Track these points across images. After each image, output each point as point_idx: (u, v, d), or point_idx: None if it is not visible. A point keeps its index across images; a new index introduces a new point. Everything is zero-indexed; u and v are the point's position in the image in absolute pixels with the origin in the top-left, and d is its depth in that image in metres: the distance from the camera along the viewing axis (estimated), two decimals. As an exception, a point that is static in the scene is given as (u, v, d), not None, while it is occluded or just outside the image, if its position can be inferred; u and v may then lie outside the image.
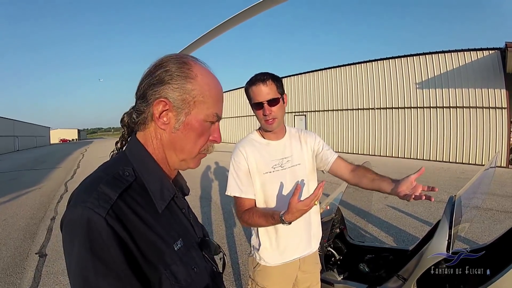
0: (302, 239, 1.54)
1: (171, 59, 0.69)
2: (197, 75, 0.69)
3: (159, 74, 0.67)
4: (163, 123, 0.68)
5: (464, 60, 11.61)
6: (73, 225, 0.56)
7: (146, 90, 0.68)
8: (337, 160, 1.60)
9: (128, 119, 0.74)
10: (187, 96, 0.68)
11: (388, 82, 14.00)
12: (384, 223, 4.74)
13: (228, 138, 25.49)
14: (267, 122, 1.45)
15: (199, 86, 0.68)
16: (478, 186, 1.87)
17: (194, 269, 0.68)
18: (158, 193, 0.67)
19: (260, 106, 1.43)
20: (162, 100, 0.67)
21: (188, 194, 0.85)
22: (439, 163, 11.83)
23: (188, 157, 0.73)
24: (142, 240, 0.60)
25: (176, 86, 0.67)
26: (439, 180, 8.05)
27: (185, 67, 0.68)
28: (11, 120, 42.09)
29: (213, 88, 0.72)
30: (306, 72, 17.88)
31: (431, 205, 5.60)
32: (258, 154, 1.49)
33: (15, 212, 6.27)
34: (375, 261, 2.15)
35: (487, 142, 11.20)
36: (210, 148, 0.76)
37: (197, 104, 0.69)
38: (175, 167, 0.76)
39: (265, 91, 1.42)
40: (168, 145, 0.71)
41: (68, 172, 12.38)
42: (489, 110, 11.12)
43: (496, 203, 5.69)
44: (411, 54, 13.23)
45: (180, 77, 0.67)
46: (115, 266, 0.55)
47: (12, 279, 3.41)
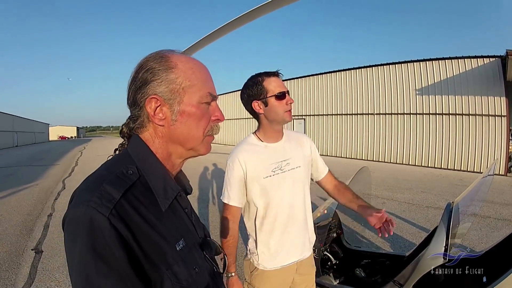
0: (299, 243, 1.54)
1: (148, 58, 0.70)
2: (177, 63, 0.69)
3: (141, 76, 0.68)
4: (160, 119, 0.69)
5: (465, 67, 11.66)
6: (75, 224, 0.56)
7: (135, 95, 0.69)
8: (328, 174, 1.71)
9: (127, 129, 0.74)
10: (174, 85, 0.68)
11: (388, 88, 14.03)
12: (381, 228, 4.73)
13: (229, 140, 25.50)
14: (288, 113, 1.45)
15: (182, 73, 0.69)
16: (476, 193, 1.87)
17: (195, 269, 0.68)
18: (161, 191, 0.67)
19: (283, 96, 1.43)
20: (152, 98, 0.67)
21: (191, 193, 0.84)
22: (437, 170, 11.84)
23: (195, 144, 0.73)
24: (145, 240, 0.60)
25: (160, 80, 0.67)
26: (437, 187, 8.07)
27: (163, 60, 0.69)
28: (11, 116, 42.05)
29: (198, 71, 0.72)
30: (306, 76, 17.90)
31: (429, 212, 5.61)
32: (257, 158, 1.47)
33: (11, 208, 6.25)
34: (372, 266, 2.15)
35: (485, 149, 11.23)
36: (215, 128, 0.76)
37: (186, 89, 0.69)
38: (184, 159, 0.76)
39: (282, 82, 1.46)
40: (172, 139, 0.71)
41: (66, 170, 12.34)
42: (488, 117, 11.16)
43: (494, 211, 5.70)
44: (411, 60, 13.28)
45: (161, 71, 0.68)
46: (117, 265, 0.54)
47: (7, 274, 3.40)
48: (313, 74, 17.57)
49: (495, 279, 1.39)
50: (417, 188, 7.82)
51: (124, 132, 0.74)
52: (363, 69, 14.94)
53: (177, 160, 0.75)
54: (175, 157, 0.74)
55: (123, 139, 0.76)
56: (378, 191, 7.29)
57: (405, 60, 13.51)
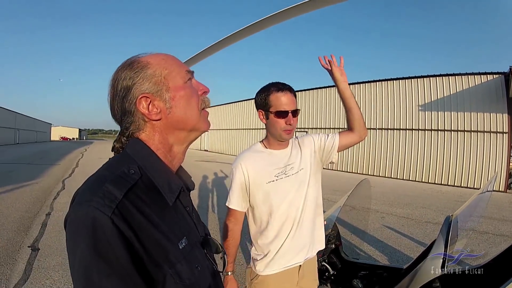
0: (304, 244, 1.53)
1: (119, 70, 0.71)
2: (148, 61, 0.71)
3: (121, 87, 0.69)
4: (156, 114, 0.69)
5: (468, 84, 11.71)
6: (77, 224, 0.56)
7: (123, 105, 0.70)
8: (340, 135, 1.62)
9: (119, 144, 0.74)
10: (155, 78, 0.69)
11: (391, 103, 14.07)
12: (379, 242, 4.71)
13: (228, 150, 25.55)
14: (286, 132, 1.45)
15: (157, 65, 0.71)
16: (475, 208, 1.88)
17: (198, 268, 0.68)
18: (166, 186, 0.68)
19: (284, 115, 1.42)
20: (141, 98, 0.68)
21: (193, 189, 0.84)
22: (438, 186, 11.80)
23: (195, 122, 0.74)
24: (148, 239, 0.60)
25: (141, 79, 0.69)
26: (437, 203, 8.03)
27: (134, 64, 0.70)
28: (13, 113, 42.21)
29: (168, 58, 0.74)
30: (309, 89, 18.01)
31: (427, 227, 5.59)
32: (260, 164, 1.49)
33: (10, 204, 6.25)
34: (369, 278, 2.14)
35: (486, 166, 11.21)
36: (206, 101, 0.77)
37: (167, 76, 0.71)
38: (187, 144, 0.77)
39: (292, 101, 1.44)
40: (172, 127, 0.72)
41: (66, 170, 12.34)
42: (490, 134, 11.17)
43: (492, 226, 5.67)
44: (415, 76, 13.35)
45: (138, 73, 0.69)
46: (119, 266, 0.54)
47: (2, 269, 3.39)
48: (315, 88, 17.69)
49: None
50: (416, 204, 7.79)
51: (116, 148, 0.75)
52: (367, 83, 15.02)
53: (179, 148, 0.76)
54: (177, 146, 0.75)
55: (115, 154, 0.75)
56: (377, 205, 7.26)
57: (409, 76, 13.59)
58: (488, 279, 1.52)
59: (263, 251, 1.52)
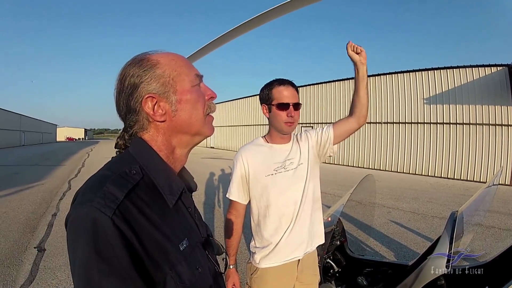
0: (303, 238, 1.53)
1: (128, 66, 0.70)
2: (158, 60, 0.70)
3: (128, 83, 0.68)
4: (161, 115, 0.69)
5: (472, 76, 11.61)
6: (78, 224, 0.56)
7: (128, 102, 0.69)
8: (333, 127, 1.58)
9: (122, 141, 0.74)
10: (163, 79, 0.68)
11: (395, 97, 14.00)
12: (385, 237, 4.69)
13: (233, 146, 25.57)
14: (287, 124, 1.47)
15: (166, 66, 0.69)
16: (480, 203, 1.85)
17: (198, 269, 0.68)
18: (167, 188, 0.67)
19: (285, 107, 1.45)
20: (147, 97, 0.67)
21: (196, 190, 0.84)
22: (444, 179, 11.74)
23: (199, 127, 0.73)
24: (148, 240, 0.59)
25: (149, 79, 0.68)
26: (443, 197, 7.98)
27: (143, 62, 0.69)
28: (18, 115, 42.63)
29: (179, 59, 0.73)
30: (314, 84, 17.98)
31: (434, 221, 5.55)
32: (260, 157, 1.51)
33: (16, 206, 6.30)
34: (374, 275, 2.12)
35: (492, 159, 11.14)
36: (212, 106, 0.77)
37: (176, 78, 0.70)
38: (190, 147, 0.77)
39: (293, 94, 1.48)
40: (176, 130, 0.71)
41: (72, 171, 12.44)
42: (495, 127, 11.09)
43: (498, 221, 5.62)
44: (419, 69, 13.25)
45: (146, 71, 0.68)
46: (120, 266, 0.54)
47: (8, 270, 3.42)
48: (321, 82, 17.64)
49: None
50: (423, 198, 7.74)
51: (120, 145, 0.74)
52: (371, 77, 14.90)
53: (182, 151, 0.75)
54: (179, 149, 0.74)
55: (119, 151, 0.75)
56: (383, 200, 7.24)
57: (413, 69, 13.49)
58: (492, 275, 1.49)
59: (262, 244, 1.53)
